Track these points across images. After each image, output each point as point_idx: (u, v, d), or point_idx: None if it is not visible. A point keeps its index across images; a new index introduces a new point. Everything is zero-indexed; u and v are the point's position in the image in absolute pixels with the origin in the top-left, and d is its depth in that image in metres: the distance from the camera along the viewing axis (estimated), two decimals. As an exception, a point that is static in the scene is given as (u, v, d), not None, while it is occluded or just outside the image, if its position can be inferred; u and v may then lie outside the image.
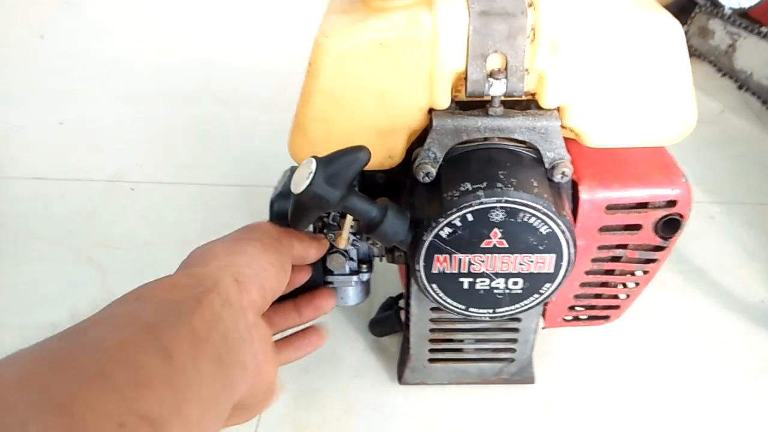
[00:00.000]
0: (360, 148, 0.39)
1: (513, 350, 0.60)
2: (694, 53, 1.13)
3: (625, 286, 0.57)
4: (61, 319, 0.71)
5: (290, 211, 0.43)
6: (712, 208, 0.89)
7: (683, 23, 1.13)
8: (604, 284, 0.56)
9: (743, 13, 1.11)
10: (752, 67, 1.01)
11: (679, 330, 0.72)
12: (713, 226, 0.86)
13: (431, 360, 0.62)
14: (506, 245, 0.44)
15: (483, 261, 0.45)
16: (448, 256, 0.45)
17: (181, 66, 1.23)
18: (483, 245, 0.44)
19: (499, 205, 0.42)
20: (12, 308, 0.73)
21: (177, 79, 1.19)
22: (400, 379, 0.64)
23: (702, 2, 1.11)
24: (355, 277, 0.56)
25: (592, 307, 0.58)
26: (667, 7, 1.23)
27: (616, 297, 0.58)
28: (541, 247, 0.44)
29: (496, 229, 0.43)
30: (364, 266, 0.56)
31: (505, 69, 0.42)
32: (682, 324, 0.72)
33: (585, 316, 0.60)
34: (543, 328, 0.61)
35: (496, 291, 0.47)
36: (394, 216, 0.43)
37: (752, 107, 1.11)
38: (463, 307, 0.48)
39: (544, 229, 0.43)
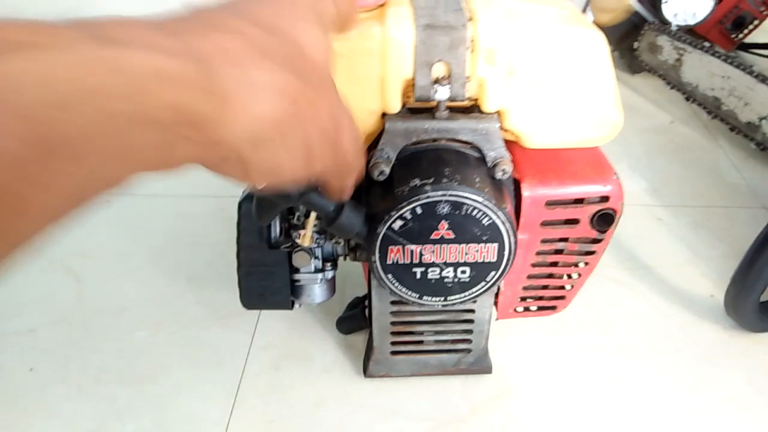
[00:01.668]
0: None
1: (469, 341, 0.65)
2: (644, 68, 1.20)
3: (570, 277, 0.61)
4: (39, 325, 0.74)
5: (254, 206, 0.47)
6: (660, 210, 0.95)
7: (634, 40, 1.21)
8: (550, 276, 0.61)
9: (689, 30, 1.18)
10: (698, 80, 1.08)
11: (628, 323, 0.76)
12: (661, 227, 0.92)
13: (393, 353, 0.65)
14: (453, 236, 0.49)
15: (433, 251, 0.49)
16: (401, 247, 0.49)
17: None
18: (432, 236, 0.49)
19: (444, 198, 0.46)
20: (-10, 315, 0.75)
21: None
22: (366, 372, 0.68)
23: (651, 20, 1.18)
24: (320, 275, 0.60)
25: (540, 298, 0.63)
26: (619, 25, 1.30)
27: (561, 288, 0.62)
28: (484, 238, 0.49)
29: (443, 221, 0.48)
30: (329, 264, 0.60)
31: (449, 76, 0.47)
32: (631, 318, 0.77)
33: (534, 307, 0.64)
34: (496, 320, 0.65)
35: (446, 279, 0.51)
36: (350, 210, 0.47)
37: (700, 117, 1.18)
38: (417, 295, 0.53)
39: (486, 221, 0.48)
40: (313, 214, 0.54)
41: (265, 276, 0.59)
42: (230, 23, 0.26)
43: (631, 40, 1.23)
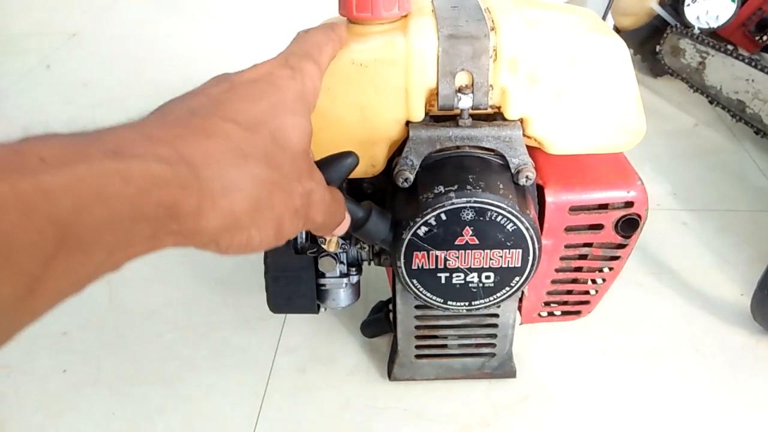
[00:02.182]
0: (349, 154, 0.44)
1: (493, 345, 0.65)
2: (667, 71, 1.19)
3: (594, 282, 0.62)
4: (72, 328, 0.76)
5: None
6: (684, 215, 0.94)
7: (656, 43, 1.20)
8: (574, 281, 0.61)
9: (712, 33, 1.17)
10: (721, 83, 1.07)
11: (654, 327, 0.76)
12: (686, 231, 0.91)
13: (418, 356, 0.66)
14: (477, 242, 0.49)
15: (457, 257, 0.50)
16: (425, 252, 0.50)
17: (181, 91, 1.29)
18: (457, 242, 0.49)
19: (468, 205, 0.47)
20: (26, 318, 0.77)
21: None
22: (390, 375, 0.69)
23: (673, 23, 1.18)
24: (345, 280, 0.61)
25: (565, 303, 0.63)
26: (641, 28, 1.30)
27: (586, 293, 0.62)
28: (508, 243, 0.49)
29: (467, 227, 0.49)
30: (353, 269, 0.61)
31: (472, 85, 0.48)
32: (657, 322, 0.77)
33: (558, 312, 0.65)
34: (520, 324, 0.65)
35: (470, 285, 0.52)
36: (377, 216, 0.48)
37: (724, 120, 1.17)
38: (442, 300, 0.53)
39: (510, 227, 0.48)
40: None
41: (291, 281, 0.60)
42: (215, 126, 0.31)
43: (653, 44, 1.22)
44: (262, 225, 0.32)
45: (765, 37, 1.25)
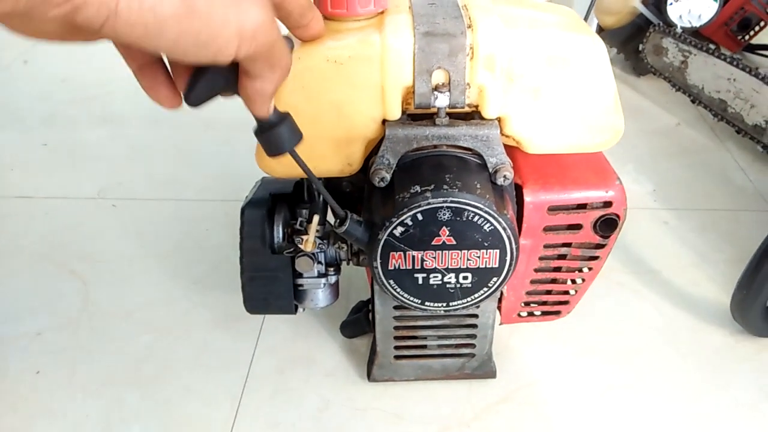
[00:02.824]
0: None
1: (473, 345, 0.65)
2: (650, 70, 1.20)
3: (573, 282, 0.61)
4: (46, 329, 0.74)
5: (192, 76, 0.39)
6: (666, 214, 0.94)
7: (639, 42, 1.20)
8: (554, 281, 0.61)
9: (694, 32, 1.18)
10: (703, 82, 1.07)
11: (634, 327, 0.76)
12: (667, 230, 0.92)
13: (397, 357, 0.66)
14: (454, 242, 0.49)
15: (434, 257, 0.49)
16: (402, 253, 0.49)
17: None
18: (433, 242, 0.49)
19: (445, 204, 0.47)
20: (0, 318, 0.76)
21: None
22: (369, 376, 0.68)
23: (656, 22, 1.18)
24: (323, 280, 0.60)
25: (544, 303, 0.63)
26: (624, 27, 1.30)
27: (565, 293, 0.62)
28: (486, 244, 0.49)
29: (444, 227, 0.48)
30: (332, 269, 0.60)
31: (449, 83, 0.47)
32: (637, 322, 0.77)
33: (538, 312, 0.64)
34: (500, 324, 0.65)
35: (448, 285, 0.51)
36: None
37: (706, 120, 1.17)
38: (419, 301, 0.53)
39: (487, 227, 0.48)
40: (315, 219, 0.54)
41: (268, 281, 0.59)
42: None
43: (636, 43, 1.22)
44: None
45: (747, 37, 1.26)
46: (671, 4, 1.16)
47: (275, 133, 0.41)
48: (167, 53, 0.31)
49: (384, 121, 0.49)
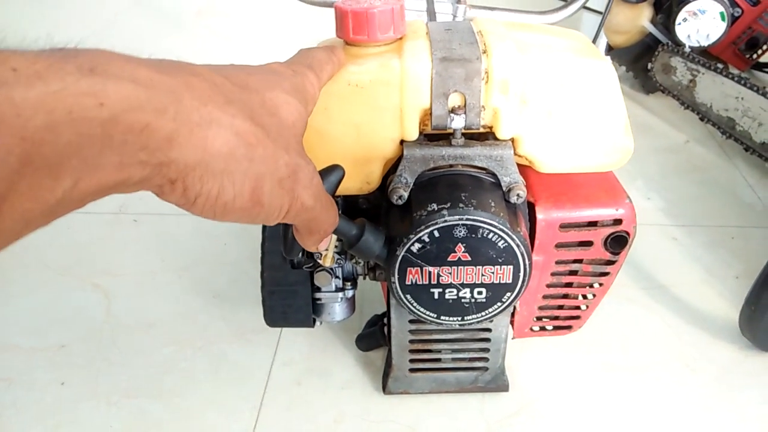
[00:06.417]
0: (336, 167, 0.45)
1: (486, 359, 0.66)
2: (659, 88, 1.21)
3: (584, 297, 0.63)
4: (70, 341, 0.77)
5: (282, 242, 0.49)
6: (675, 230, 0.96)
7: (648, 60, 1.22)
8: (565, 296, 0.62)
9: (702, 51, 1.20)
10: (711, 101, 1.09)
11: (644, 342, 0.77)
12: (676, 247, 0.93)
13: (412, 370, 0.67)
14: (469, 258, 0.51)
15: (450, 273, 0.51)
16: (419, 268, 0.51)
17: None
18: (449, 258, 0.51)
19: (461, 222, 0.49)
20: (24, 331, 0.78)
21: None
22: (385, 388, 0.69)
23: (665, 41, 1.20)
24: (340, 294, 0.62)
25: (556, 318, 0.65)
26: (633, 46, 1.32)
27: (577, 308, 0.64)
28: (500, 260, 0.51)
29: (460, 244, 0.50)
30: (349, 284, 0.62)
31: (464, 106, 0.49)
32: (647, 337, 0.78)
33: (550, 327, 0.66)
34: (513, 339, 0.67)
35: (463, 300, 0.53)
36: (370, 233, 0.50)
37: (715, 137, 1.19)
38: (435, 315, 0.55)
39: (501, 244, 0.50)
40: (333, 236, 0.56)
41: (288, 295, 0.61)
42: (204, 72, 0.30)
43: (645, 61, 1.24)
44: (237, 179, 0.30)
45: (755, 56, 1.28)
46: (680, 23, 1.18)
47: (360, 246, 0.49)
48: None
49: (402, 142, 0.51)
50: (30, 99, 0.22)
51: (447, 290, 0.53)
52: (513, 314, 0.64)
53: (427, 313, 0.54)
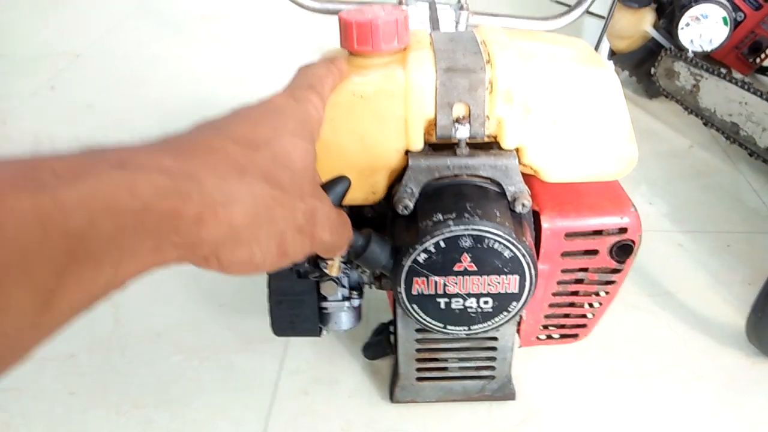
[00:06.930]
0: (342, 177, 0.45)
1: (493, 368, 0.66)
2: (662, 93, 1.21)
3: (590, 305, 0.63)
4: (79, 350, 0.77)
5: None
6: (680, 236, 0.96)
7: (651, 65, 1.22)
8: (571, 305, 0.62)
9: (705, 56, 1.20)
10: (715, 105, 1.09)
11: (650, 349, 0.77)
12: (681, 253, 0.93)
13: (419, 378, 0.67)
14: (475, 268, 0.51)
15: (456, 282, 0.52)
16: (425, 278, 0.51)
17: (184, 112, 1.31)
18: (455, 268, 0.51)
19: (466, 232, 0.49)
20: (32, 341, 0.78)
21: (180, 124, 1.26)
22: (392, 397, 0.70)
23: (668, 46, 1.20)
24: (347, 303, 0.62)
25: (562, 326, 0.65)
26: (636, 51, 1.32)
27: (583, 316, 0.64)
28: (506, 270, 0.51)
29: (465, 254, 0.50)
30: (355, 293, 0.62)
31: (469, 116, 0.50)
32: (653, 344, 0.78)
33: (556, 335, 0.66)
34: (519, 347, 0.67)
35: (469, 309, 0.53)
36: (376, 243, 0.50)
37: (719, 142, 1.19)
38: (441, 325, 0.55)
39: (507, 254, 0.50)
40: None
41: (294, 304, 0.61)
42: (217, 145, 0.32)
43: (648, 66, 1.24)
44: (264, 241, 0.32)
45: (758, 60, 1.28)
46: (682, 28, 1.18)
47: (367, 257, 0.49)
48: None
49: (407, 152, 0.52)
50: (72, 198, 0.23)
51: (453, 300, 0.53)
52: (519, 323, 0.64)
53: (434, 322, 0.54)
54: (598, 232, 0.56)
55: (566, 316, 0.63)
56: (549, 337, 0.66)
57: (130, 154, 0.28)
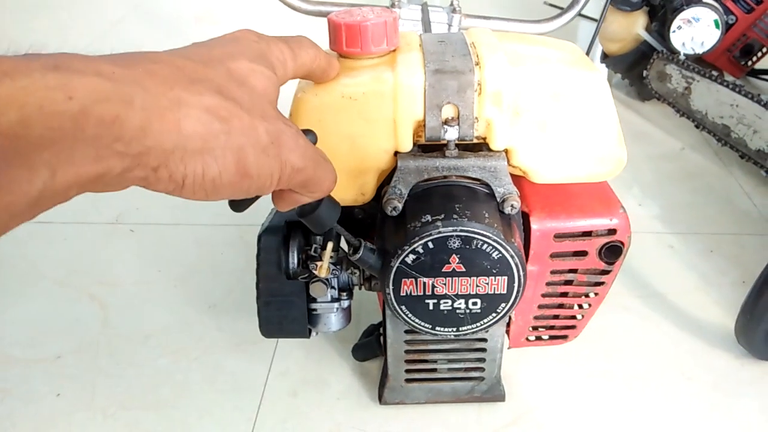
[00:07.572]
0: (307, 131, 0.42)
1: (482, 369, 0.66)
2: (654, 95, 1.22)
3: (580, 307, 0.63)
4: (66, 352, 0.76)
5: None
6: (671, 238, 0.96)
7: (643, 68, 1.23)
8: (561, 306, 0.62)
9: (697, 59, 1.20)
10: (706, 108, 1.09)
11: (640, 351, 0.77)
12: (672, 254, 0.93)
13: (408, 380, 0.67)
14: (464, 269, 0.51)
15: (445, 284, 0.51)
16: (413, 279, 0.51)
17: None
18: (444, 269, 0.51)
19: (455, 233, 0.49)
20: (20, 342, 0.78)
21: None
22: (381, 399, 0.69)
23: (660, 49, 1.20)
24: (336, 304, 0.62)
25: (552, 327, 0.65)
26: (628, 53, 1.32)
27: (572, 317, 0.64)
28: (494, 271, 0.51)
29: (454, 255, 0.50)
30: (344, 294, 0.62)
31: (458, 117, 0.50)
32: (643, 345, 0.78)
33: (546, 336, 0.66)
34: (508, 348, 0.66)
35: (458, 311, 0.53)
36: (327, 206, 0.48)
37: (710, 144, 1.19)
38: (430, 326, 0.55)
39: (495, 255, 0.50)
40: (329, 246, 0.56)
41: (283, 306, 0.61)
42: (164, 58, 0.31)
43: (640, 69, 1.25)
44: (219, 154, 0.30)
45: (750, 62, 1.28)
46: (674, 31, 1.18)
47: (317, 216, 0.45)
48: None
49: (396, 153, 0.52)
50: (1, 95, 0.23)
51: (442, 301, 0.53)
52: (509, 324, 0.64)
53: (422, 324, 0.54)
54: (587, 234, 0.56)
55: (556, 317, 0.63)
56: (538, 338, 0.66)
57: (67, 59, 0.26)
